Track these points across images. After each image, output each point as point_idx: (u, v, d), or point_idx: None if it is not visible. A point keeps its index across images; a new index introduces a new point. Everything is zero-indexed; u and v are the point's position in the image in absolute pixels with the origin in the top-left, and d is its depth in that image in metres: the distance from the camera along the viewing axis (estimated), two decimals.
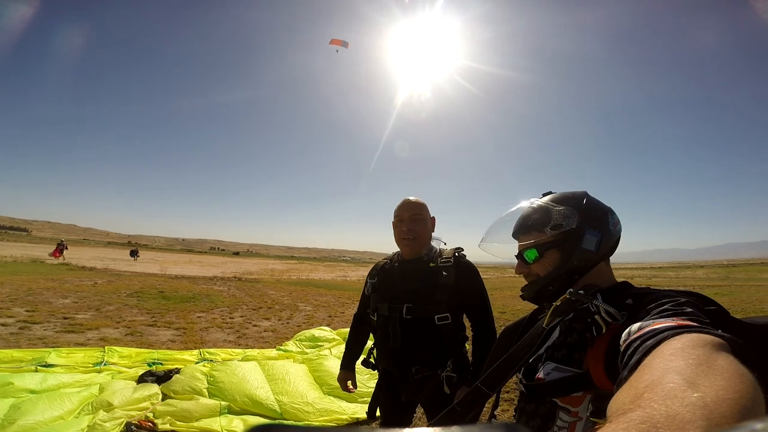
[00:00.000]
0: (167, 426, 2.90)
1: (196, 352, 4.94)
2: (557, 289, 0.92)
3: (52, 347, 4.64)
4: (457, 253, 1.77)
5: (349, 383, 2.02)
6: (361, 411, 3.35)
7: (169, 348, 5.30)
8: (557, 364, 0.82)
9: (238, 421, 3.09)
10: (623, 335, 0.62)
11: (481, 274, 1.78)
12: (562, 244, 0.92)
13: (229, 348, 5.40)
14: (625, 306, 0.75)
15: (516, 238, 1.01)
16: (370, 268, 1.97)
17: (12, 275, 12.28)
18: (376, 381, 1.91)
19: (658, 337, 0.52)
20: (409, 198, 1.83)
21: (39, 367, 3.87)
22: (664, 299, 0.66)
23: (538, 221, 0.96)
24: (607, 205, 0.97)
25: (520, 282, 1.01)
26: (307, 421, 3.19)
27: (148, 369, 4.06)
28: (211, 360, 4.58)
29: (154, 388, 3.40)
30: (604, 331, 0.74)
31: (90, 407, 3.00)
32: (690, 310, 0.60)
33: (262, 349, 5.38)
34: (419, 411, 1.94)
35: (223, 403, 3.28)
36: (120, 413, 2.92)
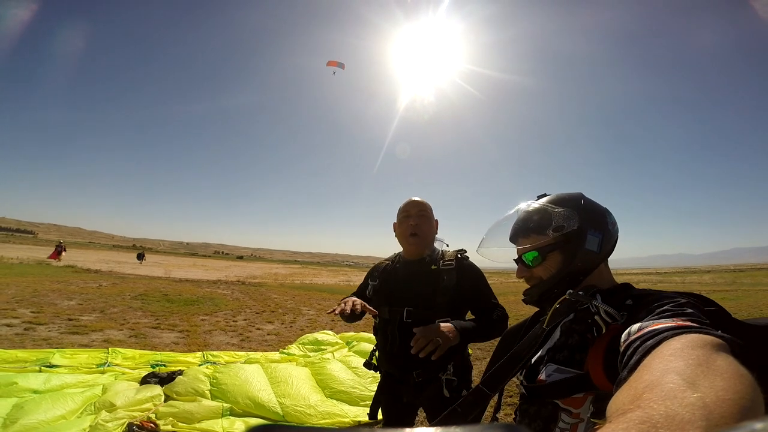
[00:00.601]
0: (169, 427, 2.90)
1: (199, 354, 4.94)
2: (561, 291, 0.89)
3: (57, 348, 4.65)
4: (459, 255, 1.74)
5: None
6: (364, 414, 3.33)
7: (172, 350, 5.31)
8: (558, 366, 0.82)
9: (240, 423, 3.08)
10: (623, 336, 0.62)
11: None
12: (564, 246, 0.91)
13: (233, 351, 5.40)
14: (624, 307, 0.75)
15: (514, 241, 1.00)
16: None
17: (18, 277, 12.36)
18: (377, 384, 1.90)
19: (658, 338, 0.52)
20: (414, 197, 1.84)
21: (43, 367, 3.88)
22: (664, 300, 0.66)
23: (538, 224, 0.95)
24: (602, 205, 0.97)
25: (523, 287, 1.00)
26: (309, 424, 3.17)
27: (152, 371, 4.06)
28: (214, 362, 4.58)
29: (157, 390, 3.40)
30: (604, 331, 0.74)
31: (93, 408, 3.00)
32: (690, 310, 0.60)
33: (265, 352, 5.38)
34: (421, 413, 1.93)
35: (225, 405, 3.28)
36: (122, 414, 2.92)
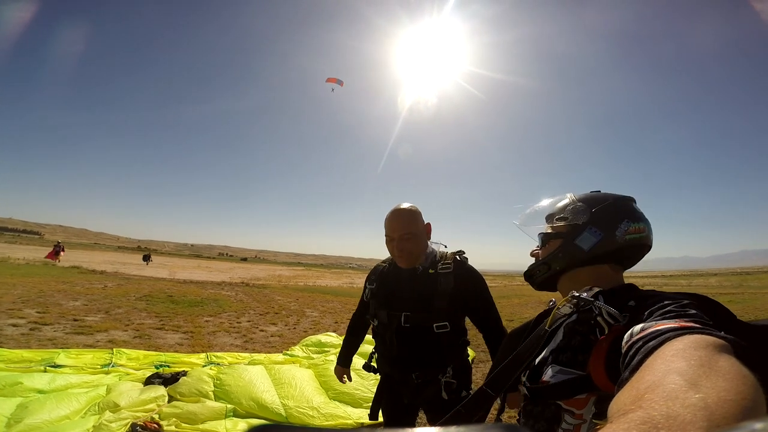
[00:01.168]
0: (172, 428, 2.90)
1: (203, 355, 4.95)
2: (543, 276, 1.00)
3: (62, 348, 4.68)
4: (458, 257, 1.71)
5: (345, 377, 2.11)
6: (366, 416, 3.32)
7: (176, 351, 5.32)
8: (561, 367, 0.82)
9: (243, 424, 3.07)
10: (625, 336, 0.61)
11: (488, 282, 1.75)
12: (564, 236, 0.96)
13: (236, 352, 5.40)
14: (627, 308, 0.75)
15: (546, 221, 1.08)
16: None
17: (24, 277, 12.46)
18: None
19: (660, 338, 0.52)
20: (399, 207, 1.70)
21: (48, 367, 3.90)
22: (667, 301, 0.66)
23: (555, 211, 1.01)
24: (638, 214, 0.94)
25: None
26: (311, 425, 3.17)
27: (156, 371, 4.07)
28: (218, 363, 4.59)
29: (161, 390, 3.41)
30: (606, 332, 0.74)
31: (97, 408, 3.01)
32: (693, 311, 0.60)
33: (268, 354, 5.39)
34: (422, 414, 1.93)
35: (228, 406, 3.28)
36: (126, 414, 2.92)
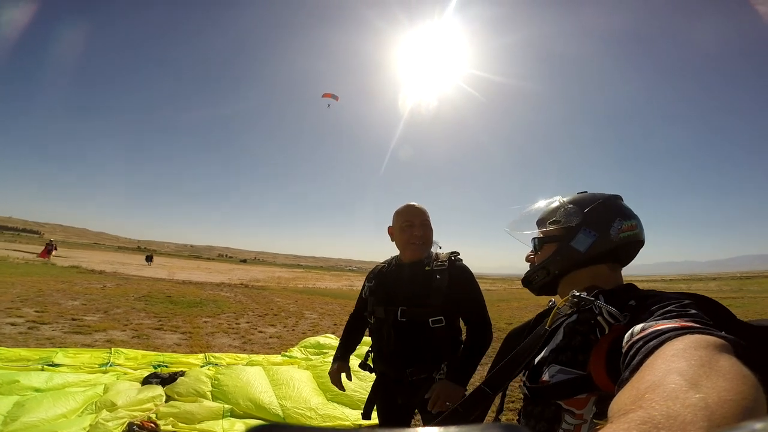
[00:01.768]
0: (169, 427, 2.89)
1: (201, 356, 4.93)
2: (542, 280, 1.00)
3: (60, 347, 4.67)
4: (452, 257, 1.80)
5: (343, 375, 1.95)
6: None
7: (174, 351, 5.30)
8: (562, 367, 0.81)
9: (240, 424, 3.06)
10: (626, 336, 0.61)
11: (488, 285, 1.78)
12: (558, 239, 0.97)
13: (235, 353, 5.39)
14: (627, 307, 0.75)
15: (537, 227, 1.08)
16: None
17: (23, 276, 12.45)
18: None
19: (661, 338, 0.52)
20: (413, 203, 1.87)
21: (45, 366, 3.88)
22: (667, 301, 0.66)
23: (546, 215, 1.01)
24: (628, 212, 0.96)
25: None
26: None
27: (154, 371, 4.06)
28: (217, 364, 4.57)
29: (158, 390, 3.39)
30: (606, 332, 0.74)
31: (94, 407, 3.00)
32: (694, 311, 0.60)
33: (267, 355, 5.38)
34: (417, 416, 1.94)
35: (226, 406, 3.26)
36: (123, 413, 2.91)
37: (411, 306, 1.70)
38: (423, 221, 1.82)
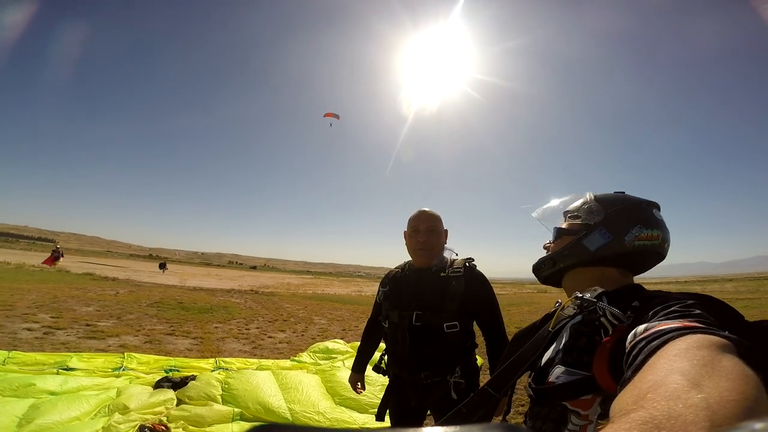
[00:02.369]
0: (180, 430, 2.92)
1: (212, 360, 4.97)
2: (548, 271, 1.02)
3: (74, 352, 4.75)
4: (468, 263, 1.80)
5: (358, 384, 2.16)
6: (372, 421, 3.31)
7: (186, 356, 5.36)
8: (567, 368, 0.81)
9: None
10: (629, 336, 0.61)
11: (498, 289, 1.79)
12: (575, 234, 0.97)
13: (245, 358, 5.43)
14: (631, 308, 0.74)
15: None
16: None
17: (39, 283, 12.69)
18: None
19: (663, 338, 0.51)
20: (424, 209, 1.87)
21: (60, 370, 3.96)
22: (672, 301, 0.65)
23: (571, 209, 1.02)
24: (660, 224, 0.93)
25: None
26: None
27: (165, 375, 4.11)
28: (227, 369, 4.60)
29: (170, 394, 3.44)
30: (610, 333, 0.73)
31: (107, 409, 3.05)
32: (698, 311, 0.59)
33: (276, 360, 5.39)
34: (429, 417, 1.95)
35: (236, 409, 3.29)
36: (135, 416, 2.95)
37: (426, 311, 1.71)
38: (429, 228, 1.81)
